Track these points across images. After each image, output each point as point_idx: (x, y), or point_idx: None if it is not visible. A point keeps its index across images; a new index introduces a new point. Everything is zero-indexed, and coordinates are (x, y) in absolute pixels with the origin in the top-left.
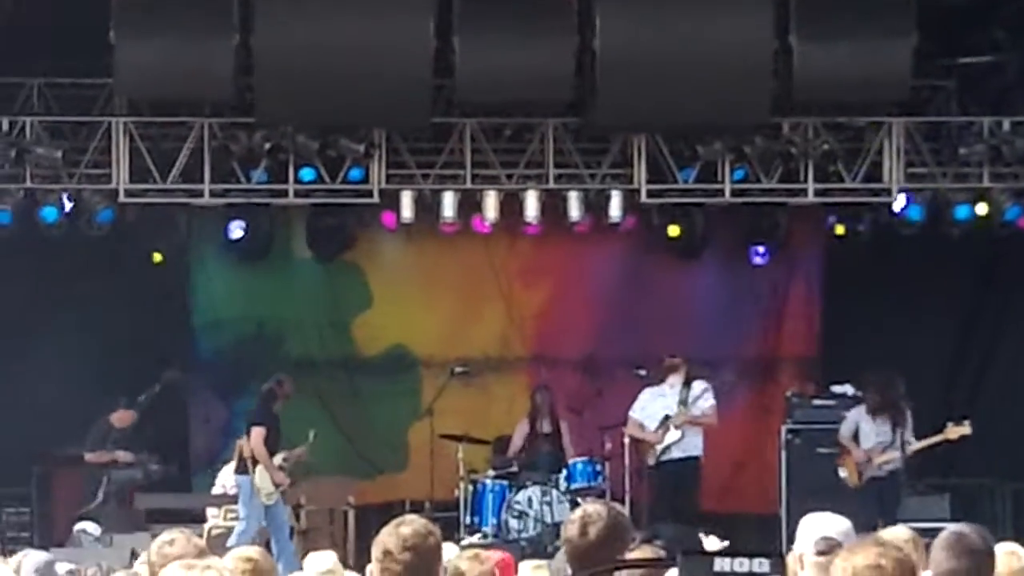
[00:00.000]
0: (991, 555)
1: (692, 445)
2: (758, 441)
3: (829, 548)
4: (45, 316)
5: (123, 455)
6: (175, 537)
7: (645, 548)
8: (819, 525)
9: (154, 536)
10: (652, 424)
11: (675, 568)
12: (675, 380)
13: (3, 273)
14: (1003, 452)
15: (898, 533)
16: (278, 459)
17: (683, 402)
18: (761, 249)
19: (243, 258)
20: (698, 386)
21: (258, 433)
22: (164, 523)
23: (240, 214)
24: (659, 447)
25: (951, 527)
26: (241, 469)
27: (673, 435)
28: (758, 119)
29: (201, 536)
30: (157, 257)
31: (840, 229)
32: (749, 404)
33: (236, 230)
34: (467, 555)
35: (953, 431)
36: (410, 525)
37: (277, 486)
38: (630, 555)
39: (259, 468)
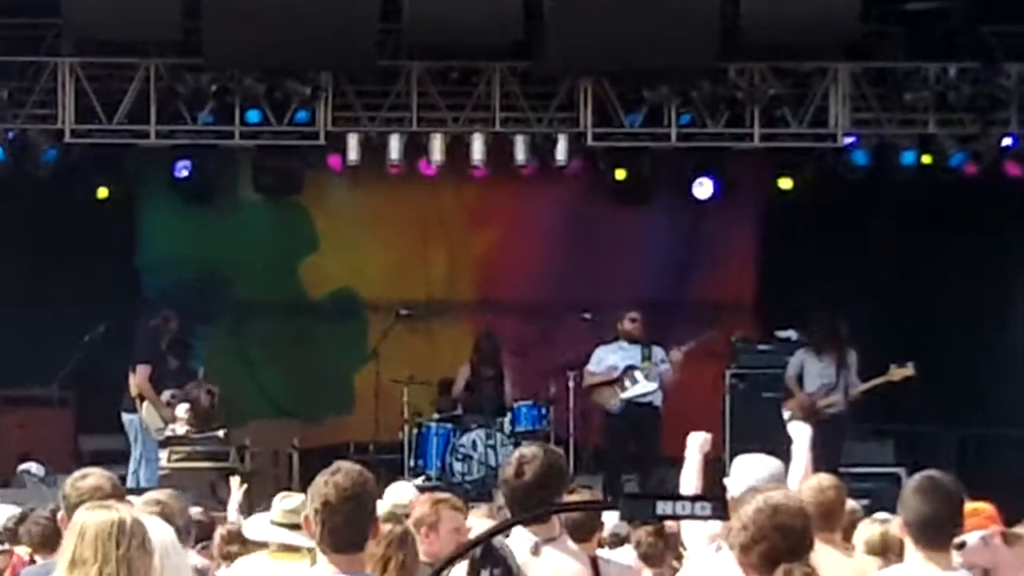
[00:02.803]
0: (963, 499)
1: (653, 394)
2: (703, 385)
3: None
4: None
5: None
6: (88, 473)
7: (583, 492)
8: (749, 469)
9: None
10: (612, 372)
11: (616, 510)
12: (631, 345)
13: None
14: (947, 398)
15: (823, 480)
16: (167, 395)
17: (647, 357)
18: (706, 181)
19: (189, 199)
20: (658, 352)
21: (143, 370)
22: (107, 464)
23: (186, 155)
24: (624, 394)
25: (922, 472)
26: (128, 407)
27: (647, 385)
28: (705, 63)
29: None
30: (103, 193)
31: (786, 182)
32: (694, 348)
33: (182, 170)
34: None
35: (897, 372)
36: (346, 474)
37: (166, 423)
38: (569, 498)
39: (146, 405)
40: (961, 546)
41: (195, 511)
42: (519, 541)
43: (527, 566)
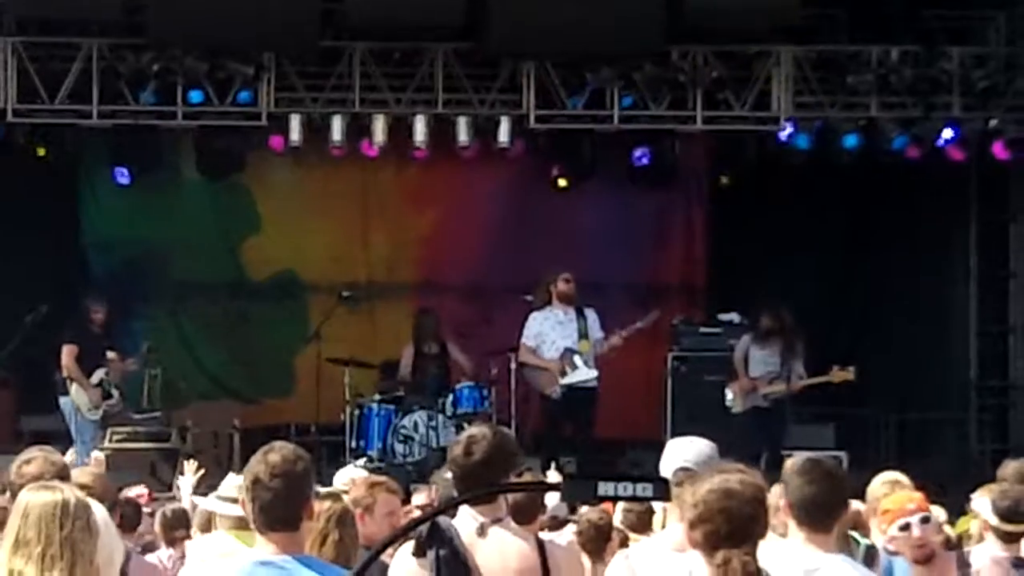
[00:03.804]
0: (846, 481)
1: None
2: (644, 368)
3: (685, 479)
4: None
5: None
6: (33, 456)
7: (526, 474)
8: (678, 452)
9: None
10: (550, 353)
11: (558, 492)
12: (565, 307)
13: None
14: (888, 383)
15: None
16: (97, 375)
17: (584, 335)
18: (641, 152)
19: (130, 179)
20: (591, 315)
21: (68, 351)
22: (49, 445)
23: (127, 133)
24: (564, 380)
25: (805, 455)
26: (61, 390)
27: (586, 373)
28: (648, 46)
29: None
30: (41, 153)
31: (724, 179)
32: (634, 333)
33: (121, 177)
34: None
35: (837, 375)
36: (279, 452)
37: (95, 406)
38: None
39: (74, 386)
40: (905, 527)
41: (136, 491)
42: (465, 522)
43: (473, 547)
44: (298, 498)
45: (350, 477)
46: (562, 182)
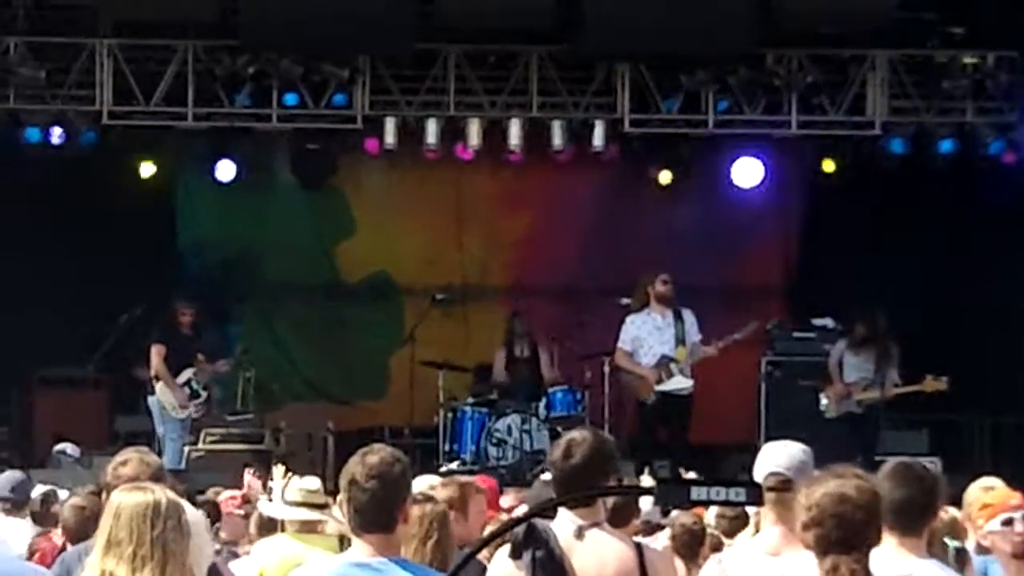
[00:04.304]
0: (938, 482)
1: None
2: (738, 372)
3: (778, 484)
4: (28, 236)
5: None
6: (128, 458)
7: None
8: (772, 457)
9: None
10: (647, 359)
11: (652, 496)
12: (663, 309)
13: None
14: (982, 388)
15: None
16: (185, 375)
17: (681, 341)
18: (744, 167)
19: (227, 182)
20: (689, 317)
21: (156, 351)
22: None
23: (224, 137)
24: (659, 388)
25: (897, 459)
26: (149, 390)
27: (682, 382)
28: (742, 49)
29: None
30: (146, 172)
31: (828, 165)
32: (727, 334)
33: (224, 171)
34: (440, 482)
35: (930, 384)
36: (377, 454)
37: (182, 406)
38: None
39: (160, 385)
40: (1008, 522)
41: (229, 494)
42: (563, 524)
43: (571, 550)
44: (394, 500)
45: (428, 484)
46: (664, 179)
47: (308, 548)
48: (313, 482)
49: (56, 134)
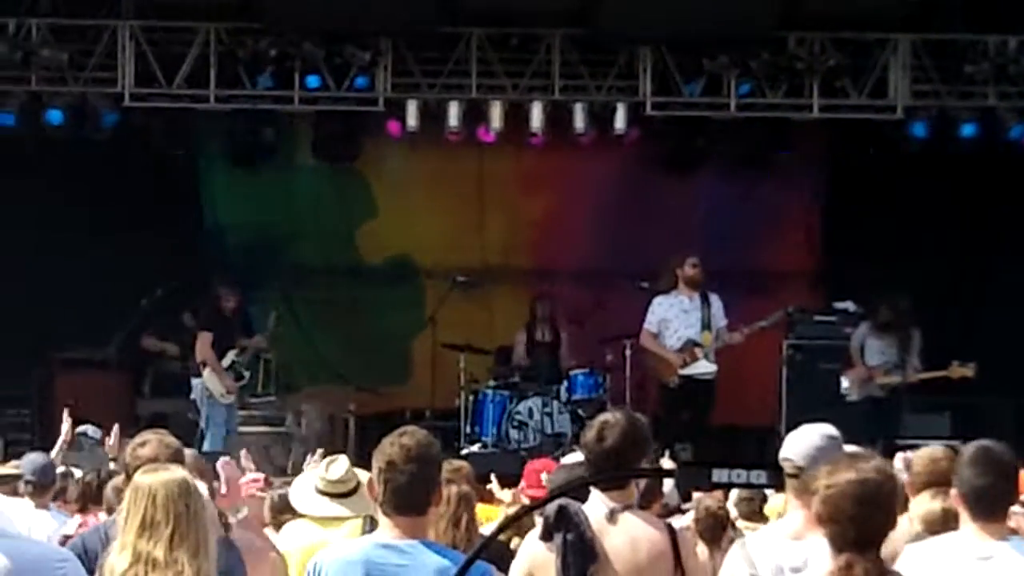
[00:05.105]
0: (1017, 468)
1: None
2: (760, 355)
3: (796, 472)
4: (50, 218)
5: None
6: (147, 439)
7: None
8: (788, 444)
9: None
10: (672, 341)
11: (673, 478)
12: (691, 292)
13: (7, 175)
14: (1005, 371)
15: (935, 451)
16: (228, 358)
17: (707, 325)
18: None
19: (248, 164)
20: (716, 302)
21: (204, 338)
22: (166, 428)
23: (246, 123)
24: (683, 372)
25: (974, 443)
26: (195, 372)
27: (706, 366)
28: (764, 33)
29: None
30: (167, 155)
31: (850, 149)
32: (751, 318)
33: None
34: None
35: (956, 371)
36: (413, 436)
37: (229, 391)
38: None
39: (208, 371)
40: None
41: (251, 476)
42: (595, 507)
43: (603, 532)
44: (430, 482)
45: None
46: (685, 162)
47: (331, 531)
48: (341, 468)
49: (78, 116)
